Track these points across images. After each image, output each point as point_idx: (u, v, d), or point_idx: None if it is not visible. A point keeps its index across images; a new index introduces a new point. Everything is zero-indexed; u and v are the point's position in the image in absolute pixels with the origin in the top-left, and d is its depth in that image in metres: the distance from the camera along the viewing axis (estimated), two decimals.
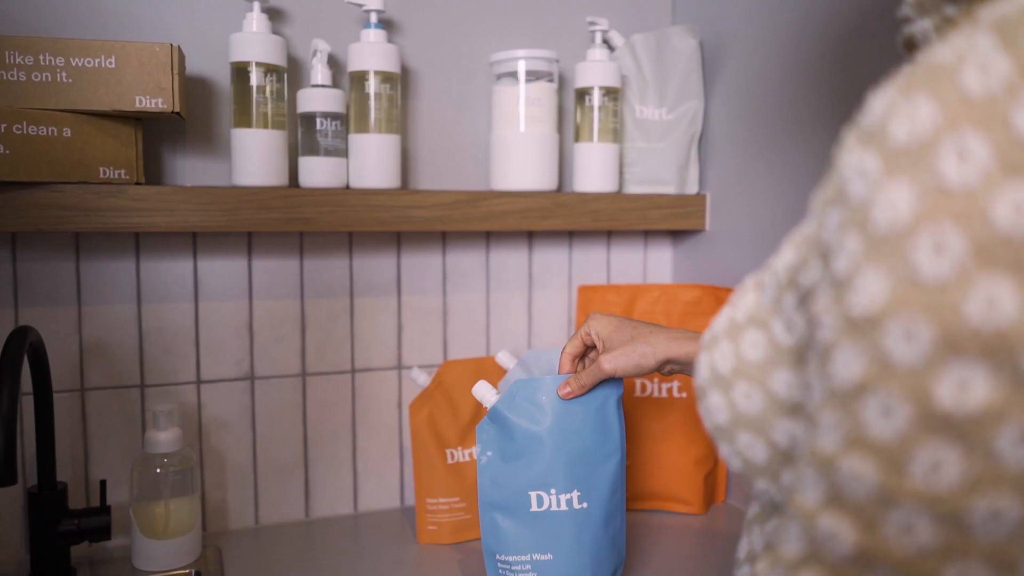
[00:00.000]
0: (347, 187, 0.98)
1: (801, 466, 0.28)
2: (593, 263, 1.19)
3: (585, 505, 0.76)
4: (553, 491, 0.76)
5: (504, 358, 1.01)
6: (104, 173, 0.85)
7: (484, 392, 0.81)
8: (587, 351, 0.81)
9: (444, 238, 1.10)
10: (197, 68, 0.96)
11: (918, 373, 0.25)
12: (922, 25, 0.38)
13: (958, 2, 0.36)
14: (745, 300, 0.39)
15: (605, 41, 1.10)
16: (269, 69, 0.92)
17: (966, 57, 0.25)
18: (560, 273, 1.17)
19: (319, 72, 0.96)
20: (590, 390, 0.77)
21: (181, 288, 0.98)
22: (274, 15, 0.99)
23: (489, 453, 0.79)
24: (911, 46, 0.41)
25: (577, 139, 1.09)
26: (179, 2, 0.95)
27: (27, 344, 0.72)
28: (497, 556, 0.79)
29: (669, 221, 1.11)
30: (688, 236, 1.18)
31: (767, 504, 0.41)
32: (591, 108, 1.07)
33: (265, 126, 0.92)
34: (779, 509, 0.38)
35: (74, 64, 0.81)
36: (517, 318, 1.15)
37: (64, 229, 0.83)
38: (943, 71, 0.26)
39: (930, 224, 0.24)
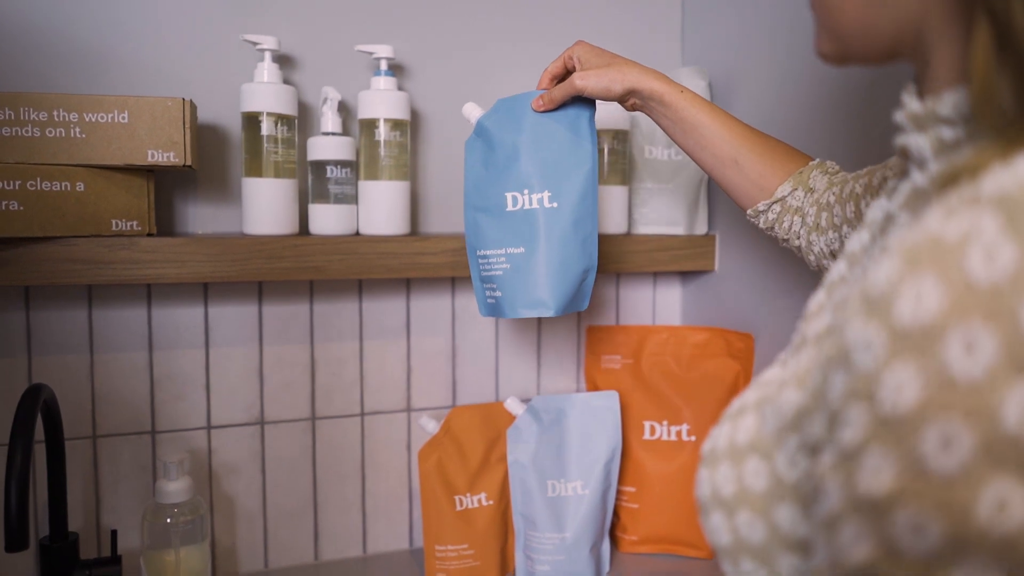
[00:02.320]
0: (357, 233, 0.98)
1: None
2: (602, 303, 1.19)
3: (555, 205, 0.82)
4: (527, 191, 0.82)
5: (513, 404, 1.01)
6: (116, 225, 0.85)
7: (471, 110, 0.88)
8: (567, 75, 0.84)
9: (453, 281, 1.10)
10: (209, 116, 0.97)
11: (928, 566, 0.24)
12: (917, 140, 0.38)
13: (955, 126, 0.35)
14: (745, 423, 0.39)
15: None
16: (280, 118, 0.93)
17: (971, 238, 0.25)
18: (569, 314, 1.16)
19: (329, 120, 0.96)
20: (560, 104, 0.82)
21: (192, 334, 0.98)
22: (284, 62, 1.00)
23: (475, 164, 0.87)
24: (905, 154, 0.41)
25: None
26: (191, 53, 0.96)
27: (40, 403, 0.73)
28: (478, 252, 0.86)
29: (678, 262, 1.11)
30: (697, 276, 1.18)
31: None
32: (601, 151, 1.07)
33: (276, 175, 0.93)
34: None
35: (87, 119, 0.82)
36: (526, 359, 1.15)
37: (77, 282, 0.83)
38: (948, 251, 0.26)
39: (938, 416, 0.24)
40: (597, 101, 0.83)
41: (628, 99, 0.78)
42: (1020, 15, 0.29)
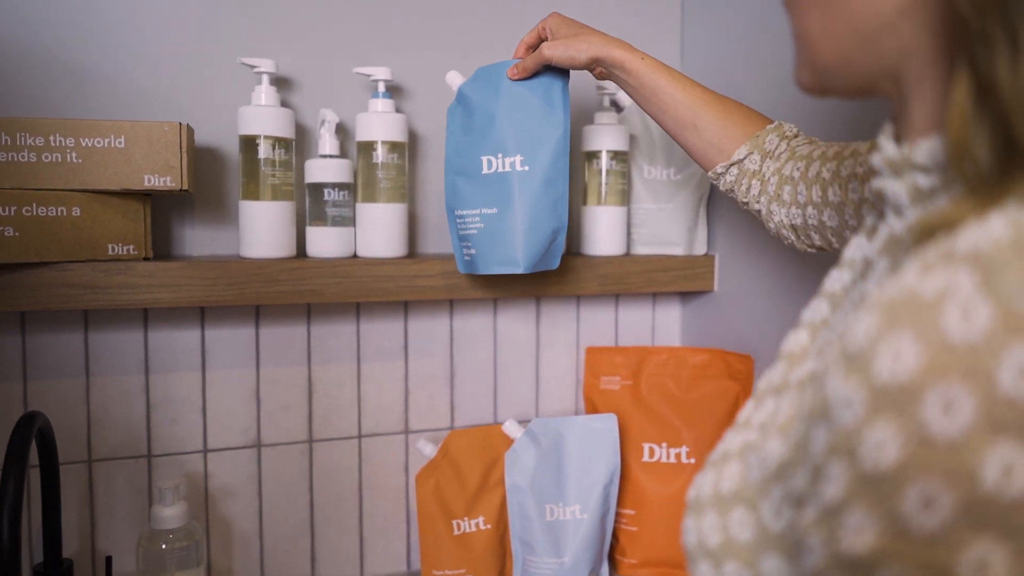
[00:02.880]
0: (355, 255, 0.98)
1: None
2: (601, 324, 1.18)
3: (527, 168, 0.86)
4: (500, 155, 0.87)
5: (511, 427, 1.00)
6: (112, 249, 0.85)
7: (453, 78, 0.93)
8: (541, 44, 0.87)
9: (451, 303, 1.09)
10: (206, 139, 0.96)
11: None
12: (893, 186, 0.38)
13: (930, 173, 0.35)
14: (730, 471, 0.39)
15: (613, 103, 1.10)
16: (277, 141, 0.92)
17: (947, 296, 0.25)
18: (568, 335, 1.16)
19: (327, 142, 0.96)
20: (532, 73, 0.87)
21: (189, 357, 0.98)
22: (282, 84, 1.00)
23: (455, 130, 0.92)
24: (880, 197, 0.41)
25: (585, 202, 1.09)
26: (188, 76, 0.96)
27: (34, 432, 0.72)
28: (455, 212, 0.92)
29: (677, 283, 1.10)
30: (697, 296, 1.18)
31: None
32: (599, 171, 1.07)
33: (273, 198, 0.92)
34: None
35: (84, 144, 0.82)
36: (525, 381, 1.14)
37: (73, 307, 0.83)
38: (925, 308, 0.25)
39: (918, 476, 0.24)
40: (571, 72, 0.87)
41: (594, 67, 0.82)
42: (1003, 70, 0.28)
